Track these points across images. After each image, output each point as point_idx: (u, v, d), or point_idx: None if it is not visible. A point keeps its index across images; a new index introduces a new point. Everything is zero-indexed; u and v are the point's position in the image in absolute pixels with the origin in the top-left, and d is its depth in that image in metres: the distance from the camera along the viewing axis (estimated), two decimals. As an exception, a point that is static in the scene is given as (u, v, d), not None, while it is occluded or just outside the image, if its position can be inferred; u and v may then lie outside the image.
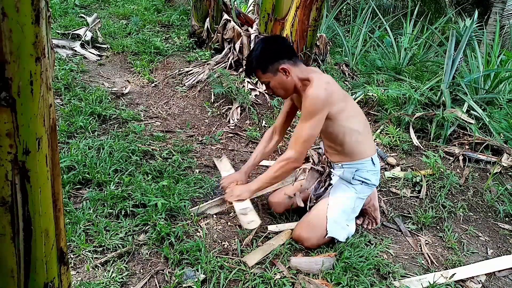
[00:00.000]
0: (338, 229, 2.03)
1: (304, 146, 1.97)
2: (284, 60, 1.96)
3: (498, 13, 7.22)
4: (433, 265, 2.12)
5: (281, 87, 2.01)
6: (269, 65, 1.96)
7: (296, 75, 1.98)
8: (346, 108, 1.98)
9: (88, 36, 4.43)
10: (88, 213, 2.04)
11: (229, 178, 2.34)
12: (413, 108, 3.55)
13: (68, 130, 2.76)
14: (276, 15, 3.88)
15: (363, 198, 2.14)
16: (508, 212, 2.60)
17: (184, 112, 3.51)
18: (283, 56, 1.96)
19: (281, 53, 1.97)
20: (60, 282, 1.05)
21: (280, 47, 2.00)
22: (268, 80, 2.00)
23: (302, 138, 1.96)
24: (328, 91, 1.91)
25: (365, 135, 2.07)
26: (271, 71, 1.97)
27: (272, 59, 1.96)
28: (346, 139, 2.01)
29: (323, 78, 1.98)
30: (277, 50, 1.98)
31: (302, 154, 2.00)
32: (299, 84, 2.00)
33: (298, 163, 2.03)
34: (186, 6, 6.19)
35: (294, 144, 1.99)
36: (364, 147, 2.07)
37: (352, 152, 2.06)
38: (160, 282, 1.77)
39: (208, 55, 4.34)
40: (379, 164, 2.16)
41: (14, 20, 0.71)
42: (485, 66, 4.25)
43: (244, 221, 2.08)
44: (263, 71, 1.98)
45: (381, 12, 6.58)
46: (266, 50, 1.97)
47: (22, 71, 0.75)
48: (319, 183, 2.22)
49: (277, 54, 1.96)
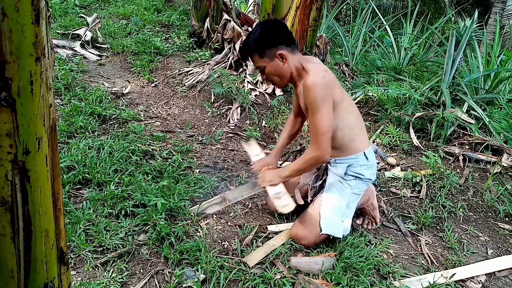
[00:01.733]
0: (332, 226, 2.02)
1: (324, 140, 1.89)
2: (282, 46, 1.92)
3: (498, 13, 7.22)
4: (433, 265, 2.12)
5: (277, 74, 1.97)
6: (267, 50, 1.91)
7: (293, 63, 1.95)
8: (343, 100, 1.95)
9: (88, 36, 4.42)
10: (88, 213, 2.04)
11: (260, 162, 2.30)
12: (413, 108, 3.54)
13: (68, 130, 2.76)
14: (276, 15, 3.88)
15: (358, 193, 2.11)
16: (508, 212, 2.60)
17: (184, 112, 3.51)
18: (281, 42, 1.92)
19: (280, 38, 1.93)
20: (60, 282, 1.05)
21: (279, 32, 1.95)
22: (264, 65, 1.95)
23: (319, 132, 1.88)
24: (327, 78, 1.88)
25: (357, 130, 2.05)
26: (268, 55, 1.92)
27: (270, 44, 1.91)
28: (337, 135, 1.99)
29: (320, 67, 1.96)
30: (276, 35, 1.93)
31: (325, 148, 1.91)
32: (295, 72, 1.97)
33: (325, 158, 1.95)
34: (186, 6, 6.19)
35: (314, 141, 1.92)
36: (356, 142, 2.05)
37: (344, 148, 2.04)
38: (160, 282, 1.77)
39: (208, 55, 4.34)
40: (374, 158, 2.14)
41: (14, 20, 0.71)
42: (485, 66, 4.25)
43: (279, 205, 2.06)
44: (260, 55, 1.93)
45: (381, 12, 6.58)
46: (264, 34, 1.92)
47: (22, 71, 0.75)
48: (316, 177, 2.22)
49: (275, 39, 1.92)
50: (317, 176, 2.22)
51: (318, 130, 1.89)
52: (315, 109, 1.86)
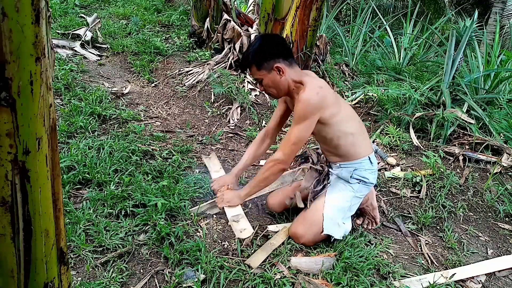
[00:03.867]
0: (334, 226, 2.03)
1: (292, 149, 2.00)
2: (280, 60, 1.96)
3: (498, 13, 7.22)
4: (433, 265, 2.12)
5: (274, 86, 2.01)
6: (265, 62, 1.95)
7: (290, 76, 1.99)
8: (339, 112, 2.00)
9: (88, 36, 4.42)
10: (88, 213, 2.04)
11: (219, 181, 2.37)
12: (413, 108, 3.54)
13: (68, 130, 2.76)
14: (276, 15, 3.88)
15: (360, 197, 2.14)
16: (508, 212, 2.60)
17: (184, 112, 3.51)
18: (279, 55, 1.97)
19: (278, 52, 1.98)
20: (60, 282, 1.05)
21: (277, 45, 2.01)
22: (261, 77, 2.00)
23: (291, 141, 1.98)
24: (320, 96, 1.93)
25: (359, 136, 2.09)
26: (265, 68, 1.96)
27: (268, 57, 1.95)
28: (340, 142, 2.03)
29: (316, 83, 2.00)
30: (274, 48, 1.99)
31: (289, 156, 2.02)
32: (292, 86, 2.01)
33: (285, 165, 2.05)
34: (186, 6, 6.19)
35: (283, 146, 2.02)
36: (360, 148, 2.08)
37: (348, 154, 2.07)
38: (160, 282, 1.77)
39: (208, 55, 4.34)
40: (376, 162, 2.17)
41: (14, 20, 0.71)
42: (485, 66, 4.25)
43: (237, 229, 2.09)
44: (258, 67, 1.98)
45: (381, 12, 6.58)
46: (263, 47, 1.97)
47: (22, 71, 0.75)
48: (317, 182, 2.22)
49: (274, 52, 1.97)
50: (318, 181, 2.22)
51: (290, 139, 1.99)
52: (298, 120, 1.95)
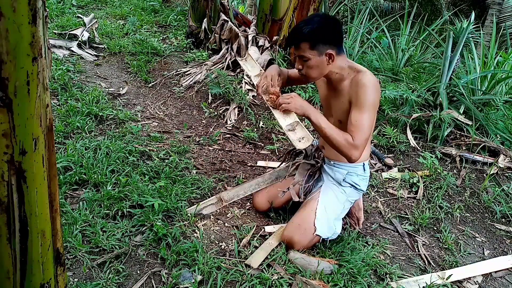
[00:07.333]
0: (326, 228, 2.01)
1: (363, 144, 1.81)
2: (333, 46, 1.85)
3: (494, 15, 7.25)
4: (430, 266, 2.13)
5: (318, 70, 1.89)
6: (321, 44, 1.82)
7: (338, 64, 1.89)
8: None
9: (85, 36, 4.41)
10: (85, 214, 2.03)
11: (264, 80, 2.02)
12: (410, 109, 3.55)
13: (64, 131, 2.75)
14: (273, 16, 3.89)
15: (351, 201, 2.14)
16: (504, 213, 2.61)
17: (181, 112, 3.50)
18: (335, 42, 1.86)
19: (335, 39, 1.86)
20: (56, 283, 1.04)
21: (336, 32, 1.86)
22: (309, 57, 1.84)
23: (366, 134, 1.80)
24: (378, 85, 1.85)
25: None
26: (318, 50, 1.83)
27: (325, 39, 1.83)
28: None
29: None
30: (333, 33, 1.85)
31: (360, 151, 1.82)
32: (335, 71, 1.91)
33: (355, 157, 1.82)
34: (184, 7, 6.18)
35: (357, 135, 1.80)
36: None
37: None
38: (157, 283, 1.76)
39: (206, 56, 4.33)
40: (369, 171, 2.15)
41: (10, 20, 0.70)
42: (482, 67, 4.27)
43: (294, 139, 1.84)
44: (311, 46, 1.82)
45: (378, 14, 6.60)
46: (324, 29, 1.82)
47: (19, 71, 0.74)
48: (309, 176, 2.22)
49: (331, 38, 1.84)
50: (310, 175, 2.22)
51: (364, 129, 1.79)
52: (363, 108, 1.80)
